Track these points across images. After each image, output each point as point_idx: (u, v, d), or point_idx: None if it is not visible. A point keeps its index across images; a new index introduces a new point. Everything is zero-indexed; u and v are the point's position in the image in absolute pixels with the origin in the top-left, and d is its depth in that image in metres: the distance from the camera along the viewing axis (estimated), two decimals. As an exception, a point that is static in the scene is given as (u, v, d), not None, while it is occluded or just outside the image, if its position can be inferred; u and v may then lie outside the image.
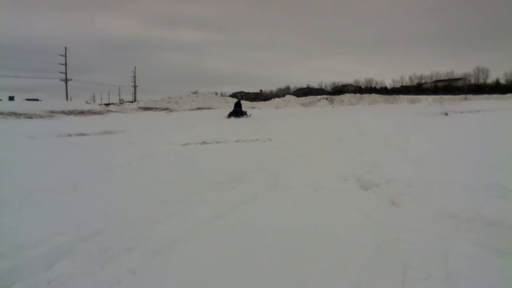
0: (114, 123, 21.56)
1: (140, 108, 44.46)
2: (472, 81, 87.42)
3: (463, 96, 53.07)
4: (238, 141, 11.80)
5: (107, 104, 52.15)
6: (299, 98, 51.83)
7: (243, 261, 3.27)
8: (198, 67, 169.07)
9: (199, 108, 43.97)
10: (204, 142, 11.60)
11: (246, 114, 25.51)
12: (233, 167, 7.24)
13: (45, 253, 3.43)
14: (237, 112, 25.29)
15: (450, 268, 3.02)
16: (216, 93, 74.69)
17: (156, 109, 43.30)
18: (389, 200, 4.90)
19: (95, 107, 40.00)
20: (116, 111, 39.56)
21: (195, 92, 56.35)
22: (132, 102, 59.20)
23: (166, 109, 43.01)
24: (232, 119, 23.52)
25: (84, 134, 15.26)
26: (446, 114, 21.23)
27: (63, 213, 4.52)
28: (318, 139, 11.58)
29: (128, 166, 7.83)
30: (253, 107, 43.10)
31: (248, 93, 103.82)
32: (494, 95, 54.03)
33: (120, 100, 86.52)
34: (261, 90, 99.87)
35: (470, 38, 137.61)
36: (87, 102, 47.78)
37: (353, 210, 4.58)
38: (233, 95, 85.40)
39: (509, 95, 53.12)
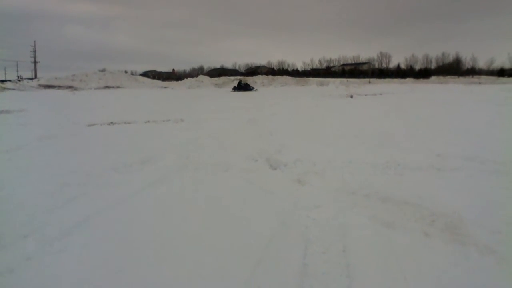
0: (11, 102, 19.44)
1: (40, 85, 40.70)
2: (376, 66, 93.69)
3: (367, 79, 56.61)
4: (148, 121, 11.32)
5: (2, 81, 47.06)
6: (213, 79, 51.46)
7: (146, 247, 3.13)
8: (106, 44, 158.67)
9: (107, 87, 41.58)
10: (111, 122, 10.92)
11: (252, 89, 34.41)
12: (142, 149, 6.91)
13: None
14: (241, 86, 34.26)
15: (347, 242, 3.19)
16: (126, 72, 71.24)
17: (59, 87, 40.04)
18: (295, 178, 5.07)
19: (-12, 84, 36.22)
20: (14, 89, 35.99)
21: (103, 70, 53.04)
22: (31, 79, 54.06)
23: (70, 87, 40.01)
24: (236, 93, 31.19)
25: (-26, 114, 13.55)
26: (352, 97, 22.52)
27: None
28: (231, 119, 11.62)
29: (26, 148, 7.03)
30: (165, 87, 42.02)
31: (161, 72, 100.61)
32: (395, 79, 58.41)
33: (18, 77, 78.73)
34: (173, 69, 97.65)
35: (374, 24, 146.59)
36: (-22, 78, 43.00)
37: (261, 189, 4.64)
38: (144, 74, 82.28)
39: (408, 79, 57.80)
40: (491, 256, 2.91)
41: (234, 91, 33.35)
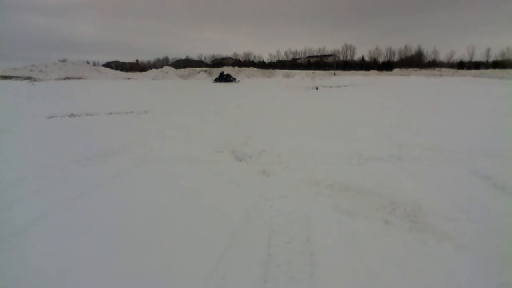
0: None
1: (-4, 76, 39.19)
2: (341, 58, 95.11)
3: (332, 71, 57.30)
4: (111, 113, 10.97)
5: (-46, 72, 44.74)
6: (178, 70, 50.48)
7: (106, 242, 3.04)
8: (67, 34, 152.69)
9: (68, 78, 40.20)
10: (72, 114, 10.50)
11: (233, 80, 33.88)
12: (105, 141, 6.70)
13: None
14: (223, 77, 34.02)
15: (310, 231, 3.23)
16: (88, 62, 69.22)
17: (16, 78, 38.44)
18: (260, 170, 5.07)
19: None
20: (-34, 80, 34.44)
21: (63, 60, 51.17)
22: (-15, 70, 51.56)
23: (29, 78, 38.47)
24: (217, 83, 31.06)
25: None
26: (317, 89, 22.77)
27: None
28: (196, 111, 11.48)
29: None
30: (128, 78, 41.11)
31: (124, 63, 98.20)
32: (360, 71, 59.45)
33: (-29, 66, 74.96)
34: (137, 60, 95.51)
35: (339, 17, 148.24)
36: None
37: (226, 181, 4.60)
38: (107, 65, 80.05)
39: (372, 71, 58.97)
40: (448, 243, 3.02)
41: (215, 82, 33.32)
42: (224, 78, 33.95)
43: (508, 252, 2.88)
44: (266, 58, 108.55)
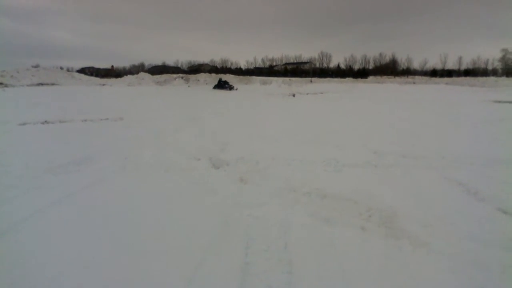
0: None
1: (-37, 82, 37.93)
2: (317, 65, 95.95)
3: (309, 79, 57.88)
4: (85, 120, 10.72)
5: None
6: (154, 76, 49.89)
7: (78, 254, 2.96)
8: (39, 38, 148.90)
9: (40, 84, 39.31)
10: (45, 121, 10.21)
11: (230, 88, 32.67)
12: (79, 149, 6.51)
13: None
14: (221, 84, 33.31)
15: (288, 239, 3.22)
16: (62, 68, 67.89)
17: (-15, 83, 37.45)
18: (238, 177, 5.05)
19: None
20: None
21: (36, 66, 50.05)
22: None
23: (0, 84, 37.56)
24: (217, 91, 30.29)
25: None
26: (294, 96, 22.96)
27: None
28: (173, 118, 11.38)
29: None
30: (103, 84, 40.50)
31: (99, 69, 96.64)
32: (336, 79, 60.28)
33: None
34: (112, 66, 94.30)
35: (315, 24, 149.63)
36: None
37: (203, 189, 4.56)
38: (81, 71, 78.68)
39: (348, 79, 59.91)
40: (423, 249, 3.07)
41: (214, 89, 33.37)
42: (221, 86, 33.80)
43: (481, 257, 2.94)
44: (243, 65, 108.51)
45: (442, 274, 2.72)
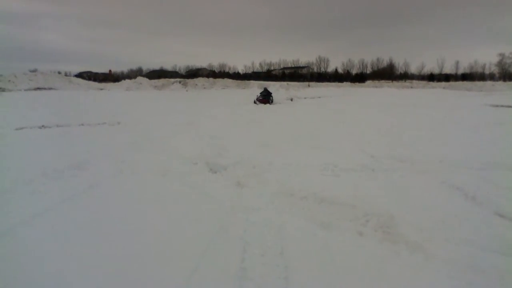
0: None
1: (-39, 87, 37.76)
2: (315, 69, 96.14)
3: (307, 83, 57.89)
4: (82, 124, 10.70)
5: None
6: (152, 81, 49.75)
7: (74, 258, 2.94)
8: (37, 43, 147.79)
9: (38, 88, 39.22)
10: (43, 126, 10.19)
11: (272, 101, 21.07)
12: (76, 153, 6.48)
13: None
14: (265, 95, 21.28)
15: (284, 244, 3.20)
16: (60, 72, 67.83)
17: (-18, 88, 37.29)
18: (235, 181, 5.03)
19: None
20: None
21: (34, 70, 49.94)
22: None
23: (-3, 88, 37.40)
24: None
25: None
26: (292, 100, 22.95)
27: None
28: (170, 122, 11.37)
29: None
30: (101, 89, 40.43)
31: (97, 73, 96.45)
32: (333, 83, 60.32)
33: None
34: (110, 70, 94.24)
35: (313, 29, 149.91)
36: None
37: (200, 193, 4.54)
38: (79, 75, 78.66)
39: (345, 83, 60.02)
40: (420, 253, 3.05)
41: (256, 103, 20.58)
42: (267, 98, 21.30)
43: (479, 262, 2.93)
44: (241, 69, 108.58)
45: (440, 279, 2.71)
